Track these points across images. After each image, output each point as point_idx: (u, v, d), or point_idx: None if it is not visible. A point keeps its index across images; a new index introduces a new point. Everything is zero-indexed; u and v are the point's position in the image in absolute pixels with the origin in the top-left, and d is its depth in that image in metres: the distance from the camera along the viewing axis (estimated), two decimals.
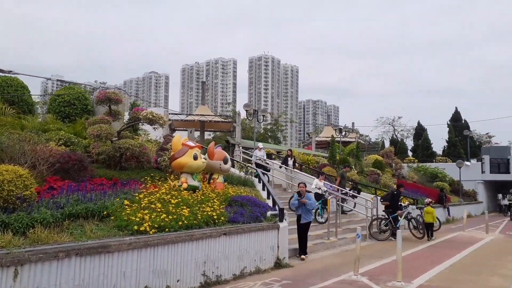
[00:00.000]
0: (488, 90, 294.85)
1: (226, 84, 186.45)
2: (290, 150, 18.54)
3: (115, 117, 9.77)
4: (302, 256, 9.50)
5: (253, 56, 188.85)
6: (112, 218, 6.54)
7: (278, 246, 8.84)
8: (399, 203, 14.42)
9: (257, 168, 15.50)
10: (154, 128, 9.44)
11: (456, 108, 50.80)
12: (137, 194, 7.60)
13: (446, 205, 22.44)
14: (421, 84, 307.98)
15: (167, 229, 6.63)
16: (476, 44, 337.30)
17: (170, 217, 6.91)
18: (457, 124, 46.67)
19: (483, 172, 33.94)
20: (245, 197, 9.31)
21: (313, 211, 10.12)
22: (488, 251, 11.87)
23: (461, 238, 14.87)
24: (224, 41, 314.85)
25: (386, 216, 13.98)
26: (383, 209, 14.58)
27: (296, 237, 9.87)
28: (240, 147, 25.30)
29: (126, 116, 12.45)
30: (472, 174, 33.42)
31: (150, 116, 9.05)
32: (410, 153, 47.94)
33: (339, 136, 31.88)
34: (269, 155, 19.24)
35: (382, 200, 15.32)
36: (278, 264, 8.71)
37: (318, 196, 13.40)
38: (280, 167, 16.32)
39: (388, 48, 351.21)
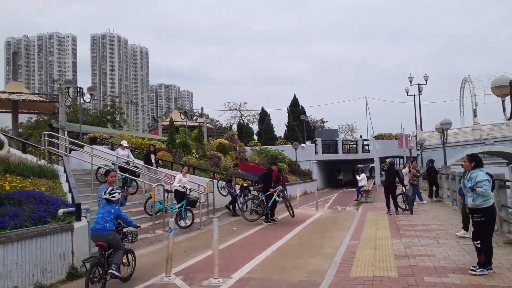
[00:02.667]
0: (323, 80, 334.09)
1: (64, 63, 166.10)
2: (153, 145, 15.79)
3: None
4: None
5: (96, 33, 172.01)
6: None
7: (73, 252, 6.91)
8: (272, 182, 13.79)
9: (121, 173, 12.90)
10: None
11: (294, 95, 54.71)
12: None
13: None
14: (267, 72, 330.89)
15: None
16: (314, 38, 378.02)
17: None
18: (295, 109, 50.29)
19: (316, 152, 36.96)
20: (27, 192, 7.08)
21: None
22: (315, 228, 12.03)
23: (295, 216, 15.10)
24: (61, 15, 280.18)
25: (258, 195, 13.34)
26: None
27: None
28: (65, 132, 21.75)
29: None
30: (307, 154, 36.12)
31: None
32: (255, 137, 49.86)
33: (184, 120, 30.65)
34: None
35: (256, 184, 14.84)
36: (73, 275, 6.81)
37: (180, 195, 11.72)
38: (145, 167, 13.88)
39: (237, 36, 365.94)
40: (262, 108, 53.46)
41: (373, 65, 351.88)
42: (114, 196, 6.36)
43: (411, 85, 37.99)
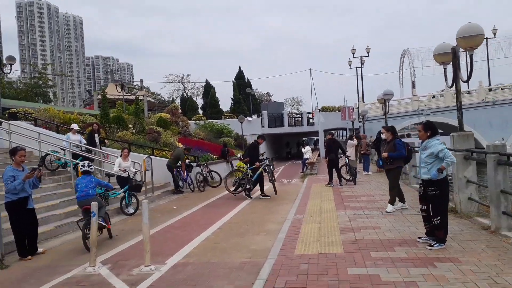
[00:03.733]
0: (268, 54, 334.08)
1: None
2: (97, 123, 14.29)
3: None
4: (30, 257, 6.68)
5: (21, 0, 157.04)
6: None
7: None
8: (260, 155, 13.08)
9: (74, 160, 11.33)
10: None
11: (239, 67, 53.79)
12: None
13: (229, 160, 22.73)
14: (211, 45, 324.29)
15: None
16: (258, 11, 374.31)
17: None
18: (240, 82, 49.43)
19: (263, 126, 36.66)
20: None
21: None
22: (260, 203, 11.60)
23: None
24: None
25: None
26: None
27: None
28: None
29: None
30: (254, 128, 35.71)
31: None
32: (200, 111, 48.54)
33: (121, 94, 28.86)
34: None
35: (242, 157, 14.06)
36: None
37: (122, 180, 10.69)
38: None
39: (180, 7, 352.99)
40: (206, 81, 52.16)
41: (318, 40, 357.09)
42: (92, 168, 7.82)
43: (353, 57, 38.56)
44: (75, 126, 12.89)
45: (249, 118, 36.59)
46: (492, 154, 6.21)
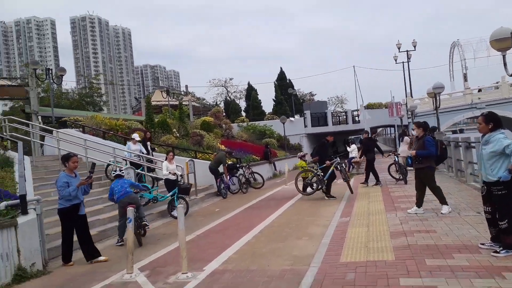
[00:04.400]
0: (311, 55, 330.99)
1: (45, 48, 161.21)
2: (149, 132, 14.79)
3: None
4: (72, 262, 6.65)
5: (75, 15, 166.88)
6: None
7: (18, 251, 5.95)
8: (329, 153, 12.56)
9: (134, 168, 11.31)
10: None
11: (281, 68, 53.28)
12: None
13: (271, 161, 22.44)
14: (253, 49, 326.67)
15: None
16: (298, 13, 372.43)
17: None
18: (282, 83, 49.00)
19: (305, 126, 36.06)
20: None
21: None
22: (303, 205, 11.16)
23: (282, 193, 14.25)
24: None
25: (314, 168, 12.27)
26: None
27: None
28: (39, 117, 20.51)
29: None
30: (296, 128, 35.23)
31: None
32: (243, 114, 48.68)
33: (166, 99, 29.48)
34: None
35: (311, 155, 13.50)
36: (21, 277, 5.87)
37: (171, 184, 10.72)
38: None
39: (222, 13, 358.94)
40: (249, 83, 52.19)
41: (361, 37, 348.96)
42: (123, 173, 8.51)
43: (399, 51, 36.84)
44: (136, 136, 12.70)
45: (292, 119, 36.11)
46: None
